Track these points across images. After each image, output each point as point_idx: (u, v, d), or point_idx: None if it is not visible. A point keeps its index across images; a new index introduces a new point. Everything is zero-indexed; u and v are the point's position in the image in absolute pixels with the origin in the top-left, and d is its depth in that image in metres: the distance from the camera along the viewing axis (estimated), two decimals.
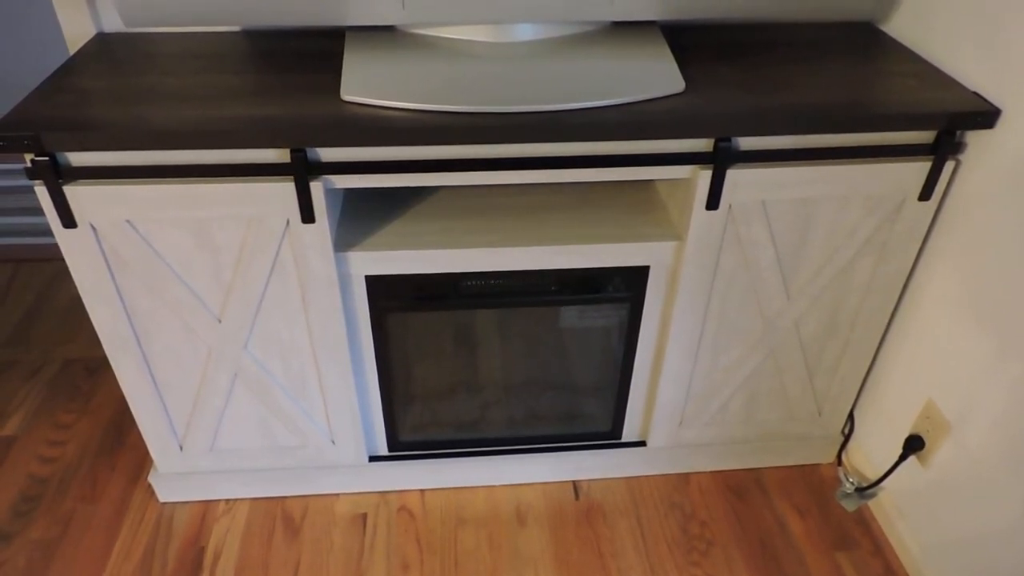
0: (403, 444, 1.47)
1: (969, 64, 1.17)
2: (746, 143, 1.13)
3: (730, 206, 1.18)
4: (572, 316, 1.32)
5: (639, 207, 1.31)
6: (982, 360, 1.17)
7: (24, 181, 2.44)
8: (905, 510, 1.38)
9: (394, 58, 1.14)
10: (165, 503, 1.47)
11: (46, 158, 1.03)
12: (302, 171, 1.07)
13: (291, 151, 1.06)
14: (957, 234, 1.21)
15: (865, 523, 1.45)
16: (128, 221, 1.10)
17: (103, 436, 1.61)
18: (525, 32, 1.19)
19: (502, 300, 1.28)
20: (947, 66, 1.21)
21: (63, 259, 2.10)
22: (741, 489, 1.52)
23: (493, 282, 1.25)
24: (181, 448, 1.39)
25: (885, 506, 1.43)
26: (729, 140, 1.11)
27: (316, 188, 1.09)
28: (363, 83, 1.10)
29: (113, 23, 1.30)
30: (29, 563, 1.36)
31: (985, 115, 1.10)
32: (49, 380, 1.75)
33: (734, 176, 1.15)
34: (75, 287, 2.03)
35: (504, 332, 1.33)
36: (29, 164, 1.03)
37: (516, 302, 1.28)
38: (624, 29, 1.24)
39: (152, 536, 1.41)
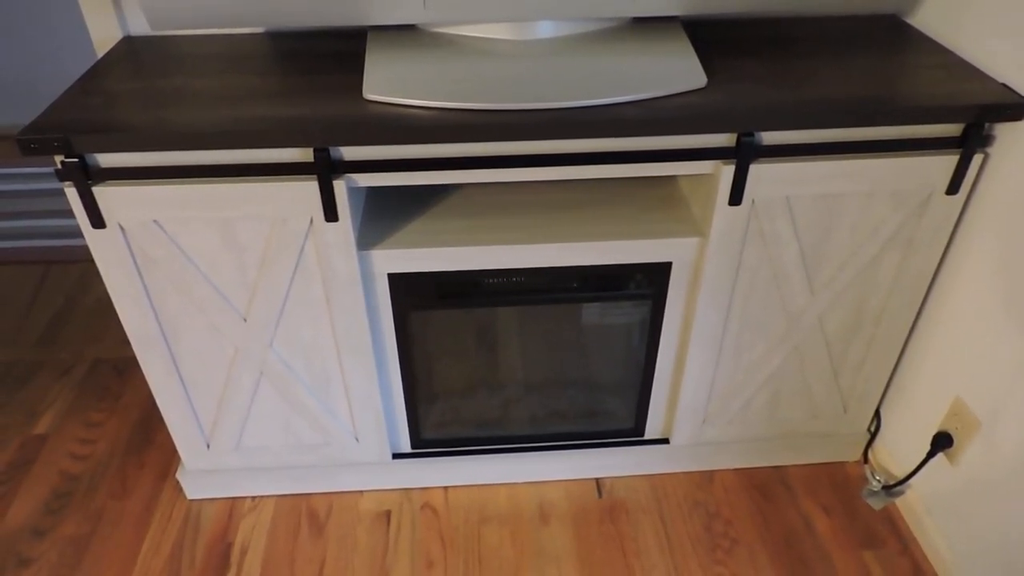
0: (426, 442, 1.48)
1: (997, 56, 1.15)
2: (769, 138, 1.12)
3: (753, 202, 1.17)
4: (594, 313, 1.32)
5: (661, 203, 1.30)
6: (1014, 358, 1.15)
7: (52, 184, 2.48)
8: (933, 509, 1.36)
9: (415, 57, 1.15)
10: (193, 500, 1.49)
11: (76, 159, 1.05)
12: (325, 170, 1.08)
13: (314, 150, 1.07)
14: (986, 228, 1.19)
15: (892, 522, 1.43)
16: (155, 221, 1.12)
17: (132, 434, 1.63)
18: (546, 29, 1.19)
19: (524, 297, 1.28)
20: (975, 58, 1.20)
21: (91, 260, 2.14)
22: (765, 487, 1.50)
23: (515, 279, 1.25)
24: (208, 446, 1.41)
25: (913, 505, 1.41)
26: (752, 135, 1.11)
27: (339, 187, 1.10)
28: (385, 82, 1.11)
29: (139, 27, 1.32)
30: (61, 558, 1.39)
31: (1014, 107, 1.08)
32: (79, 380, 1.78)
33: (757, 171, 1.14)
34: (103, 288, 2.06)
35: (526, 329, 1.34)
36: (59, 166, 1.05)
37: (538, 299, 1.28)
38: (645, 25, 1.23)
39: (180, 532, 1.43)
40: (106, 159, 1.07)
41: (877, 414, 1.51)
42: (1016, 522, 1.16)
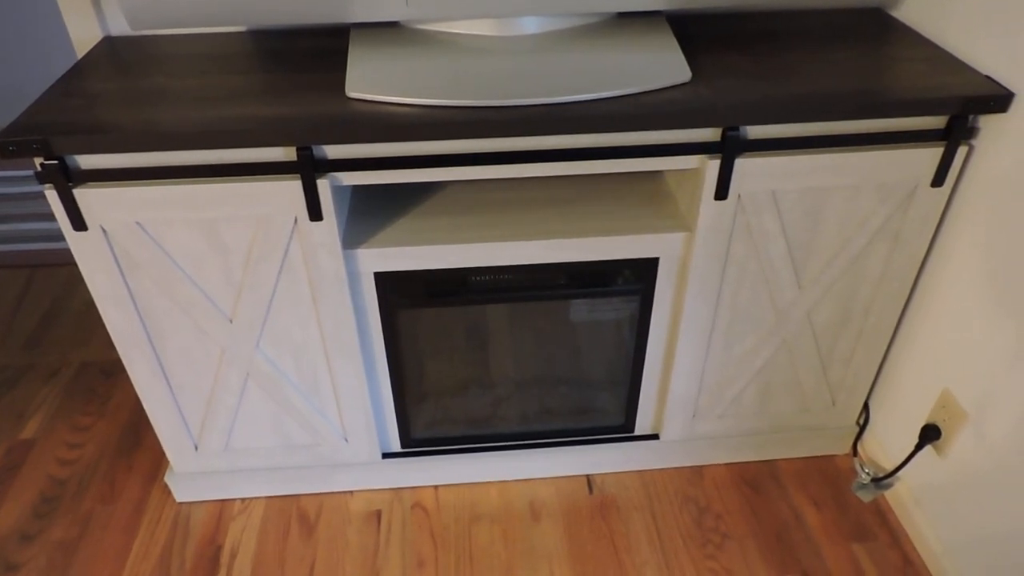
0: (416, 441, 1.47)
1: (981, 48, 1.15)
2: (754, 132, 1.12)
3: (739, 196, 1.17)
4: (582, 309, 1.32)
5: (648, 199, 1.30)
6: (1001, 349, 1.15)
7: (37, 187, 2.46)
8: (923, 501, 1.37)
9: (399, 54, 1.14)
10: (182, 503, 1.48)
11: (55, 162, 1.03)
12: (309, 169, 1.08)
13: (297, 149, 1.06)
14: (972, 220, 1.19)
15: (882, 514, 1.44)
16: (138, 223, 1.11)
17: (120, 438, 1.62)
18: (530, 25, 1.18)
19: (512, 295, 1.27)
20: (959, 51, 1.20)
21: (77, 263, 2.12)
22: (756, 481, 1.51)
23: (502, 277, 1.25)
24: (196, 448, 1.40)
25: (902, 497, 1.41)
26: (737, 129, 1.10)
27: (323, 186, 1.10)
28: (368, 80, 1.10)
29: (119, 27, 1.30)
30: (50, 563, 1.38)
31: (998, 99, 1.08)
32: (66, 383, 1.76)
33: (743, 165, 1.14)
34: (89, 291, 2.05)
35: (515, 327, 1.33)
36: (39, 168, 1.04)
37: (526, 296, 1.28)
38: (630, 20, 1.23)
39: (170, 535, 1.42)
40: (87, 160, 1.06)
41: (866, 407, 1.52)
42: (1004, 513, 1.16)
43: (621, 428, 1.50)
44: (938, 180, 1.18)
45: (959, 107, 1.09)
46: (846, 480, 1.50)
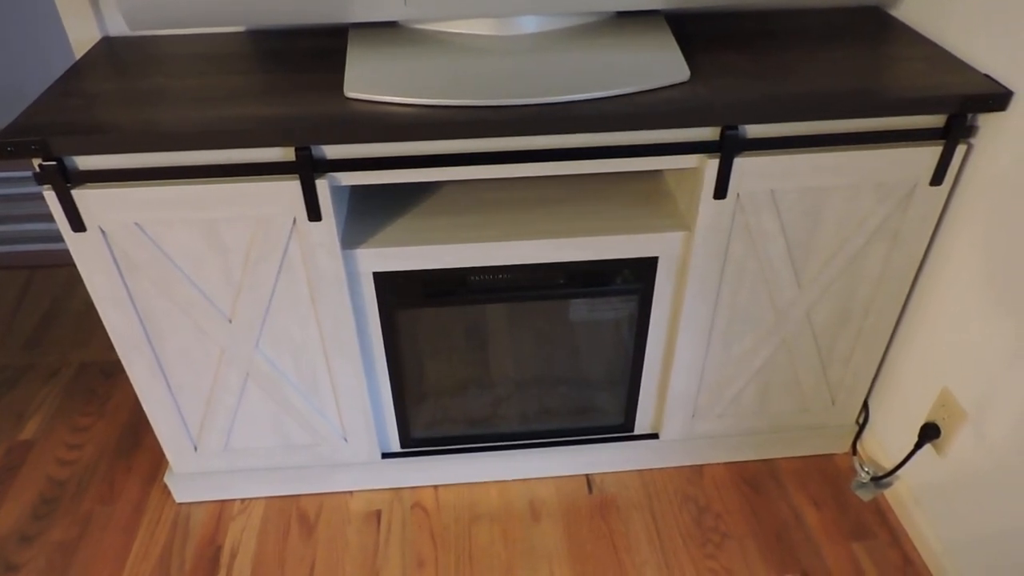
0: (416, 441, 1.47)
1: (980, 46, 1.15)
2: (753, 131, 1.12)
3: (738, 195, 1.17)
4: (582, 309, 1.32)
5: (647, 198, 1.30)
6: (1000, 348, 1.15)
7: (36, 188, 2.46)
8: (922, 500, 1.37)
9: (397, 54, 1.14)
10: (181, 503, 1.48)
11: (54, 162, 1.03)
12: (307, 169, 1.08)
13: (296, 150, 1.06)
14: (971, 219, 1.19)
15: (882, 513, 1.44)
16: (137, 223, 1.11)
17: (120, 438, 1.62)
18: (529, 24, 1.18)
19: (511, 294, 1.27)
20: (957, 49, 1.20)
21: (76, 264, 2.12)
22: (755, 481, 1.51)
23: (501, 276, 1.25)
24: (196, 448, 1.40)
25: (902, 496, 1.41)
26: (736, 128, 1.10)
27: (322, 186, 1.10)
28: (367, 80, 1.10)
29: (118, 27, 1.30)
30: (50, 564, 1.38)
31: (997, 97, 1.08)
32: (66, 384, 1.76)
33: (741, 164, 1.14)
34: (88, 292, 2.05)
35: (514, 327, 1.33)
36: (37, 169, 1.04)
37: (525, 296, 1.28)
38: (628, 19, 1.23)
39: (169, 536, 1.42)
40: (85, 161, 1.06)
41: (865, 406, 1.52)
42: (1004, 512, 1.16)
43: (621, 428, 1.50)
44: (937, 179, 1.18)
45: (958, 106, 1.09)
46: (846, 479, 1.50)
